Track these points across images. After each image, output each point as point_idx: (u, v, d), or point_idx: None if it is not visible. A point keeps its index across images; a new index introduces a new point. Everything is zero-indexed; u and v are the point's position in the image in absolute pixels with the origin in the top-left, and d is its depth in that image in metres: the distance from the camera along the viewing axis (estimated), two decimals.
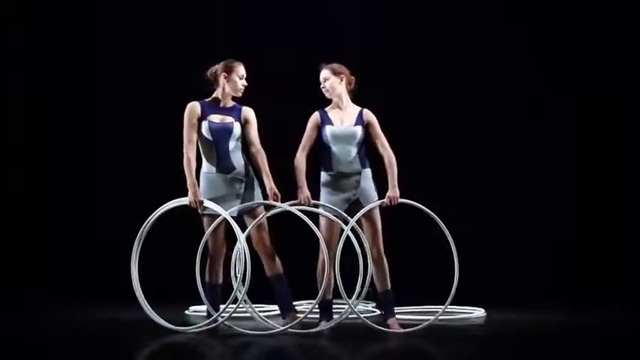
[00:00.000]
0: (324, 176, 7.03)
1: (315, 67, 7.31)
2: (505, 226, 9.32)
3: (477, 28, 9.43)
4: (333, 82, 7.07)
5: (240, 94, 7.04)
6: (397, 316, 7.11)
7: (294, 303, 7.13)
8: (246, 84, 7.04)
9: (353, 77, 7.13)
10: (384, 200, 6.96)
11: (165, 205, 7.01)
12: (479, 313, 7.84)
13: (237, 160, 6.95)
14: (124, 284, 7.27)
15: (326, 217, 6.95)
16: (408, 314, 7.62)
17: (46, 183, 9.44)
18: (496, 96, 9.37)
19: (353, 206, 6.98)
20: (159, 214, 7.00)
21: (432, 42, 9.39)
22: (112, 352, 6.34)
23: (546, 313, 8.04)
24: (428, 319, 7.04)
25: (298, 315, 7.03)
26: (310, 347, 6.44)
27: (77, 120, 9.47)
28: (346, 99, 7.11)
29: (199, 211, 6.89)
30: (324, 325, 6.95)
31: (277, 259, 6.98)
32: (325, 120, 7.04)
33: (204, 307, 7.22)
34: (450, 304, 7.02)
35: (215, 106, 7.01)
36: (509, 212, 9.38)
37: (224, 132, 6.93)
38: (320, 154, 7.06)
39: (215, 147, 6.92)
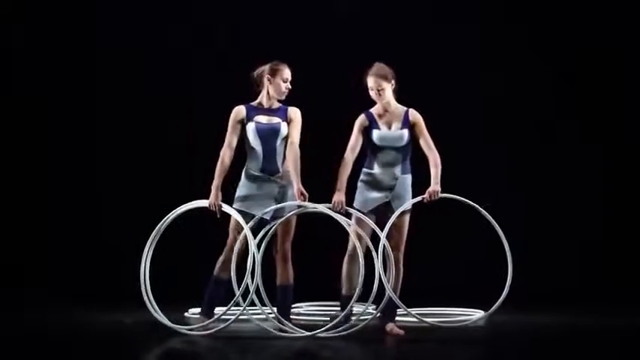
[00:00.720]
0: (364, 173, 6.98)
1: (314, 67, 7.31)
2: (535, 226, 9.33)
3: (477, 27, 9.44)
4: (387, 89, 6.96)
5: (283, 97, 7.01)
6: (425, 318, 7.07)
7: (301, 304, 7.11)
8: (290, 87, 7.00)
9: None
10: (424, 196, 6.88)
11: (184, 205, 6.94)
12: (479, 314, 7.80)
13: (282, 162, 6.93)
14: (125, 285, 7.27)
15: (354, 225, 6.85)
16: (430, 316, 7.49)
17: (46, 183, 9.43)
18: (519, 94, 9.37)
19: (383, 207, 6.93)
20: (177, 213, 6.94)
21: (432, 42, 9.40)
22: (113, 353, 6.34)
23: (575, 314, 8.04)
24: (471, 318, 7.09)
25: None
26: (333, 349, 6.42)
27: (77, 120, 9.47)
28: (393, 101, 7.03)
29: (217, 215, 6.87)
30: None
31: (291, 270, 6.96)
32: (373, 124, 6.96)
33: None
34: (447, 306, 6.98)
35: (261, 108, 6.99)
36: (537, 212, 9.37)
37: (271, 132, 6.91)
38: (365, 151, 7.00)
39: (262, 147, 6.91)
